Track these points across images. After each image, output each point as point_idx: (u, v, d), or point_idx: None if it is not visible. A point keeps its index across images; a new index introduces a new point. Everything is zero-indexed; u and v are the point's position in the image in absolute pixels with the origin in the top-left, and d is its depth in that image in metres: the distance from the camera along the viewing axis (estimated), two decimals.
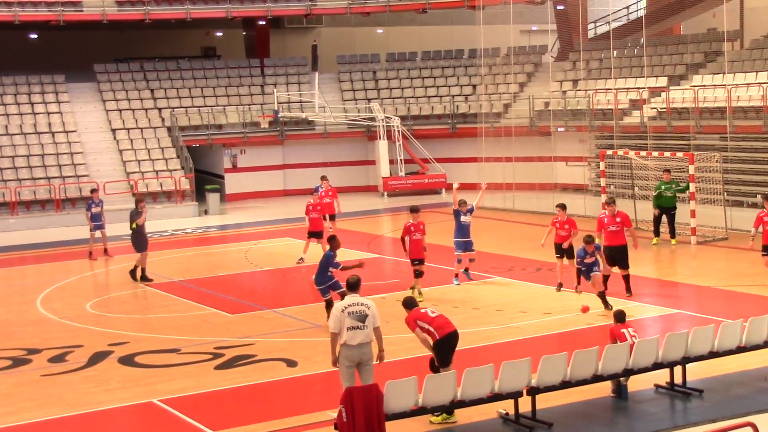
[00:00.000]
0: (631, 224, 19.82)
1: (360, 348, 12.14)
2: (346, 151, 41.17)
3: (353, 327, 12.09)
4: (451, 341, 12.93)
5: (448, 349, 12.93)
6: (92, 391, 14.75)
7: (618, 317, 13.58)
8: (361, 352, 12.16)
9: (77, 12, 39.51)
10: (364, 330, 12.14)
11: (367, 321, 12.18)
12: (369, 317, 12.20)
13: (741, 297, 19.09)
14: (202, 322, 18.94)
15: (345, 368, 12.20)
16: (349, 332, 12.08)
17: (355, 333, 12.09)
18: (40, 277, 25.58)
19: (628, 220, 19.84)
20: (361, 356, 12.18)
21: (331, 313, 12.34)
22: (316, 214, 24.33)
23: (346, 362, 12.19)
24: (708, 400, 13.13)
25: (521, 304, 19.17)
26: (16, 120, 38.09)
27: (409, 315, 13.08)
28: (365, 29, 48.98)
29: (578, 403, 13.02)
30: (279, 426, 12.80)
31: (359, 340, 12.11)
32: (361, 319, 12.14)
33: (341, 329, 12.10)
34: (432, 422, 12.51)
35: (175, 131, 38.78)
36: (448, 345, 12.92)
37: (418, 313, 13.09)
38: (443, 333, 12.87)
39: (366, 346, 12.22)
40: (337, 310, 12.21)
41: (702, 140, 31.68)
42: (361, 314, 12.16)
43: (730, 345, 13.73)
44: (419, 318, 12.98)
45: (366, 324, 12.16)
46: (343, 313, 12.12)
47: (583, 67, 38.46)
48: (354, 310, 12.16)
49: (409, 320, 13.04)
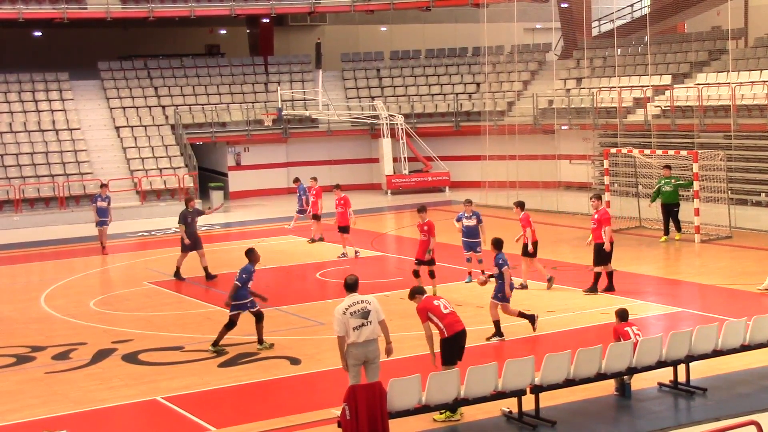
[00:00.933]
0: (609, 223, 19.69)
1: (366, 345, 12.07)
2: (349, 149, 41.16)
3: (358, 326, 12.02)
4: (459, 340, 12.91)
5: (456, 348, 12.89)
6: (96, 388, 14.78)
7: (621, 315, 13.56)
8: (367, 350, 12.10)
9: (81, 9, 39.53)
10: (369, 326, 12.07)
11: (371, 316, 12.11)
12: (372, 312, 12.13)
13: (745, 295, 19.06)
14: (206, 320, 18.95)
15: (352, 367, 12.16)
16: (356, 332, 12.01)
17: (362, 330, 12.03)
18: (44, 275, 25.61)
19: (607, 219, 19.73)
20: (367, 354, 12.11)
21: (334, 318, 12.13)
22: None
23: (352, 360, 12.13)
24: (711, 399, 13.12)
25: (525, 303, 19.14)
26: (20, 117, 38.13)
27: (421, 303, 12.94)
28: (369, 27, 48.96)
29: (582, 402, 13.02)
30: (282, 424, 12.80)
31: (366, 337, 12.04)
32: (365, 316, 12.07)
33: (347, 331, 12.03)
34: (435, 420, 12.51)
35: (179, 129, 38.79)
36: (456, 344, 12.89)
37: (431, 304, 13.00)
38: (452, 331, 12.84)
39: (373, 343, 12.15)
40: (338, 313, 12.06)
41: (706, 138, 31.65)
42: (363, 311, 12.10)
43: (733, 343, 13.71)
44: (432, 310, 12.89)
45: (370, 319, 12.09)
46: (345, 315, 12.02)
47: (587, 65, 38.41)
48: (355, 309, 12.08)
49: (421, 310, 12.90)
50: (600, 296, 19.26)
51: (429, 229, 19.58)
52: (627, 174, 29.56)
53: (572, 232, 27.33)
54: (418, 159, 39.78)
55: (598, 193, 20.43)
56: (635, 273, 21.69)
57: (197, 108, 40.08)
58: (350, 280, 12.42)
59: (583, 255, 23.99)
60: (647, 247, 24.90)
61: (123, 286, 23.19)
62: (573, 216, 30.32)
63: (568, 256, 23.56)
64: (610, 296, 19.13)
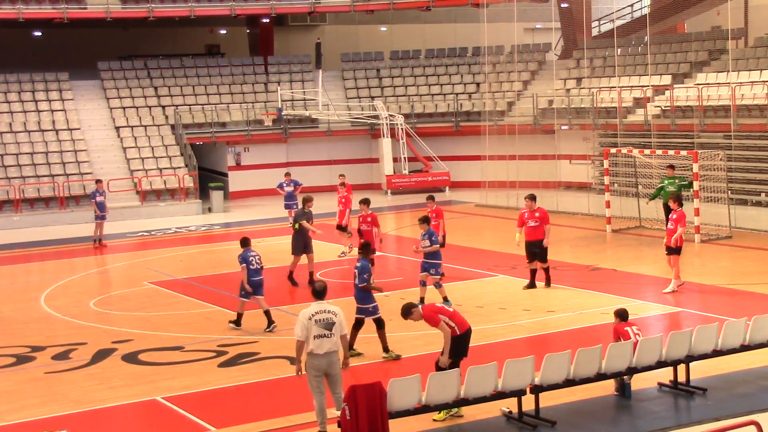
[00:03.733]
0: (548, 221, 20.13)
1: (327, 357, 11.88)
2: (349, 149, 41.16)
3: (320, 335, 11.82)
4: (468, 338, 12.92)
5: (463, 347, 12.87)
6: (96, 388, 14.78)
7: (621, 315, 13.55)
8: (328, 362, 11.91)
9: (81, 9, 39.55)
10: (331, 338, 11.87)
11: (335, 329, 11.92)
12: (336, 325, 11.94)
13: (745, 295, 19.06)
14: (206, 320, 18.96)
15: (312, 377, 11.95)
16: (316, 341, 11.80)
17: (322, 342, 11.82)
18: (43, 275, 25.62)
19: (547, 217, 20.19)
20: (328, 366, 11.92)
21: (298, 320, 11.90)
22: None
23: (313, 371, 11.92)
24: (711, 399, 13.12)
25: (525, 302, 19.16)
26: (20, 118, 38.13)
27: (426, 311, 12.81)
28: (369, 27, 48.96)
29: (581, 402, 13.01)
30: (282, 424, 12.80)
31: (326, 349, 11.84)
32: (329, 327, 11.87)
33: (308, 337, 11.81)
34: (435, 420, 12.49)
35: (179, 129, 38.80)
36: (466, 341, 12.89)
37: (437, 307, 12.98)
38: (464, 329, 12.84)
39: (333, 355, 11.96)
40: (303, 317, 11.87)
41: (706, 138, 31.66)
42: (328, 322, 11.88)
43: (733, 343, 13.71)
44: (440, 312, 12.83)
45: (333, 332, 11.90)
46: (310, 320, 11.82)
47: (587, 65, 38.41)
48: (321, 317, 11.88)
49: (431, 314, 12.71)
50: (600, 296, 19.26)
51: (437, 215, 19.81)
52: (627, 174, 29.58)
53: (572, 232, 27.34)
54: (418, 159, 39.78)
55: (532, 194, 20.63)
56: (635, 273, 21.70)
57: (197, 108, 40.08)
58: (319, 287, 12.27)
59: (583, 255, 24.03)
60: (647, 247, 24.89)
61: (123, 286, 23.19)
62: (573, 216, 30.32)
63: (568, 256, 23.56)
64: (610, 296, 19.13)
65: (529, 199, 20.37)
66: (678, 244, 19.26)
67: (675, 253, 19.40)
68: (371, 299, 15.49)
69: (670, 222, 19.59)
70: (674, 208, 19.56)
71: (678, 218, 19.40)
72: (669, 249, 19.43)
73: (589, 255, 24.15)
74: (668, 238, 19.44)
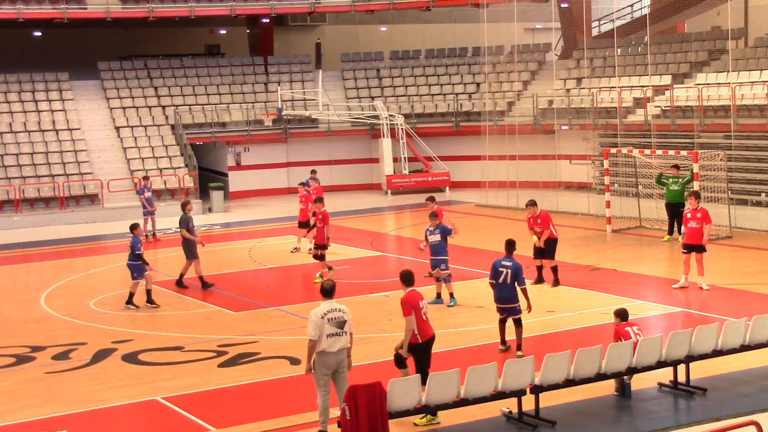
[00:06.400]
0: (548, 225, 20.32)
1: (338, 355, 11.95)
2: (349, 149, 41.16)
3: (333, 334, 11.87)
4: (429, 347, 12.91)
5: (426, 356, 12.87)
6: (96, 388, 14.77)
7: (622, 315, 13.55)
8: (338, 360, 11.98)
9: (81, 9, 39.54)
10: (342, 336, 11.94)
11: (346, 327, 11.99)
12: (347, 323, 12.01)
13: (745, 295, 19.07)
14: (206, 320, 18.96)
15: (322, 376, 11.99)
16: (329, 339, 11.85)
17: (335, 340, 11.89)
18: (43, 275, 25.61)
19: (547, 220, 20.40)
20: (338, 363, 12.00)
21: (310, 320, 11.93)
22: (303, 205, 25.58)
23: (324, 370, 11.97)
24: (711, 399, 13.12)
25: (524, 302, 19.11)
26: (20, 118, 38.13)
27: (406, 297, 12.77)
28: (369, 27, 48.95)
29: (581, 402, 13.01)
30: (282, 424, 12.80)
31: (339, 347, 11.92)
32: (341, 326, 11.93)
33: (320, 336, 11.86)
34: (416, 425, 12.37)
35: (179, 129, 38.79)
36: (427, 351, 12.89)
37: (417, 305, 12.85)
38: (426, 337, 12.83)
39: (343, 352, 12.03)
40: (316, 316, 11.89)
41: (706, 138, 31.65)
42: (340, 320, 11.94)
43: (733, 343, 13.71)
44: (416, 310, 12.78)
45: (345, 330, 11.96)
46: (323, 319, 11.85)
47: (587, 65, 38.40)
48: (333, 316, 11.92)
49: (407, 304, 12.71)
50: (600, 296, 19.27)
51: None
52: (627, 174, 29.57)
53: (572, 232, 27.32)
54: (418, 159, 39.77)
55: (532, 200, 20.79)
56: (635, 273, 21.70)
57: (197, 108, 40.08)
58: (328, 286, 12.26)
59: (583, 255, 24.03)
60: (647, 247, 24.89)
61: (123, 286, 23.13)
62: (573, 216, 30.30)
63: (568, 256, 23.55)
64: (610, 296, 19.13)
65: (531, 206, 20.54)
66: (706, 242, 19.47)
67: (702, 251, 19.55)
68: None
69: (694, 221, 19.62)
70: (694, 206, 19.66)
71: (703, 216, 19.49)
72: (697, 247, 19.47)
73: (589, 255, 24.14)
74: (692, 237, 19.50)
